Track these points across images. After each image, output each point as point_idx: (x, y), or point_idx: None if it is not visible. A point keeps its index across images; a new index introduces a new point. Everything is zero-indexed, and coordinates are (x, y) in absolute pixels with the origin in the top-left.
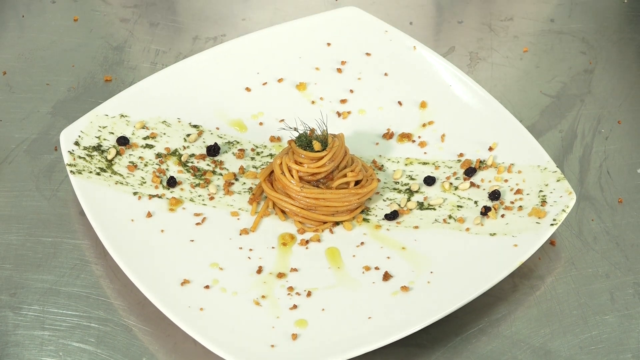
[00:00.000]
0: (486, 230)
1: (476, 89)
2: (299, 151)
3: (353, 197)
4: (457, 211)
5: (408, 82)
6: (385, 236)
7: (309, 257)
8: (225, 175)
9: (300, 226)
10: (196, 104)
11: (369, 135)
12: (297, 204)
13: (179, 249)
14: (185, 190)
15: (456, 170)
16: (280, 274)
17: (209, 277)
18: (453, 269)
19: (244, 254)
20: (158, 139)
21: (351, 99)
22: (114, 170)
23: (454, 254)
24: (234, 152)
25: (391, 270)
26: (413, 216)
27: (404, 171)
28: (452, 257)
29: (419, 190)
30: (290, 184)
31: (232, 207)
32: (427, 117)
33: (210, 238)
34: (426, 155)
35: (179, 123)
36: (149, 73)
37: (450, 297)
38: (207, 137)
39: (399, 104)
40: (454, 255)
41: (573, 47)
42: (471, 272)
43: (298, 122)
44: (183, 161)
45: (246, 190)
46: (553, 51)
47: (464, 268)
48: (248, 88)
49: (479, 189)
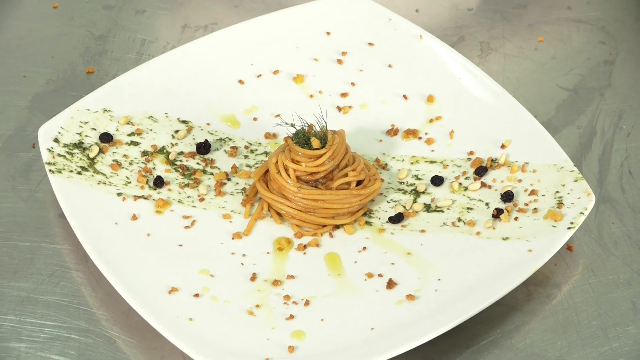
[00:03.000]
0: (498, 235)
1: (487, 82)
2: (296, 149)
3: (354, 198)
4: (467, 214)
5: (414, 74)
6: (389, 241)
7: (307, 263)
8: (216, 175)
9: (297, 230)
10: (185, 98)
11: (371, 132)
12: (294, 206)
13: (167, 255)
14: (174, 190)
15: (466, 170)
16: (276, 282)
17: (199, 284)
18: (463, 276)
19: (236, 259)
20: (144, 135)
21: (352, 92)
22: (96, 169)
23: (463, 259)
24: (225, 149)
25: (396, 277)
26: (419, 219)
27: (410, 170)
28: (462, 264)
29: (425, 191)
30: (286, 184)
31: (223, 209)
32: (434, 112)
33: (200, 242)
34: (433, 153)
35: (166, 118)
36: (134, 64)
37: (460, 307)
38: (197, 134)
39: (404, 98)
40: (463, 261)
41: (592, 37)
42: (482, 279)
43: (295, 117)
44: (171, 159)
45: (239, 191)
46: (570, 41)
47: (475, 275)
48: (241, 80)
49: (490, 190)
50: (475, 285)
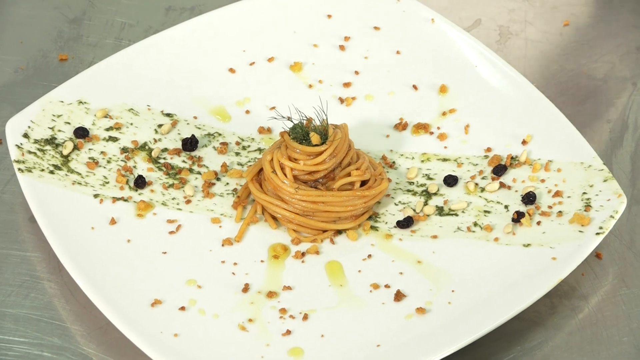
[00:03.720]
0: (519, 241)
1: (507, 71)
2: (294, 145)
3: (358, 200)
4: (484, 217)
5: (425, 61)
6: (397, 247)
7: (306, 272)
8: (204, 174)
9: (294, 235)
10: (170, 89)
11: (377, 126)
12: (291, 209)
13: (149, 263)
14: (157, 192)
15: (483, 168)
16: (271, 293)
17: (185, 296)
18: (479, 287)
19: (227, 268)
20: (124, 130)
21: (356, 82)
22: (70, 168)
23: (480, 269)
24: (215, 146)
25: (404, 288)
26: (431, 223)
27: (420, 169)
28: (478, 273)
29: (437, 192)
30: (282, 184)
31: (212, 212)
32: (447, 104)
33: (186, 250)
34: (447, 150)
35: (148, 111)
36: (112, 51)
37: (476, 321)
38: (182, 128)
39: (414, 89)
40: (480, 271)
41: (622, 20)
42: (500, 290)
43: (292, 110)
44: (154, 157)
45: (230, 192)
46: (599, 25)
47: (492, 286)
48: (232, 69)
49: (510, 191)
50: (493, 298)
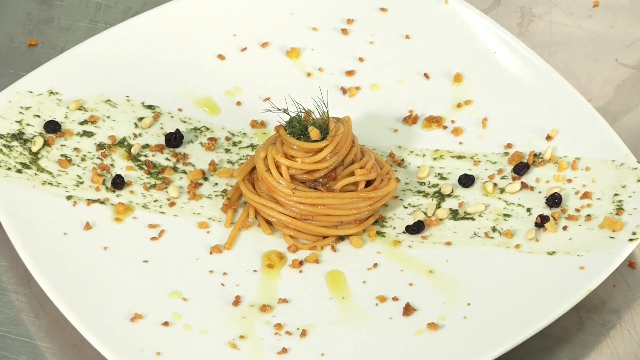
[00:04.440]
0: (543, 248)
1: (529, 57)
2: (291, 141)
3: (363, 202)
4: (504, 222)
5: (437, 47)
6: (406, 255)
7: (304, 283)
8: (190, 174)
9: (291, 242)
10: (151, 78)
11: (384, 120)
12: (287, 212)
13: (128, 273)
14: (137, 193)
15: (502, 167)
16: (265, 307)
17: (169, 310)
18: (498, 299)
19: (215, 279)
20: (100, 124)
21: (361, 70)
22: (40, 166)
23: (499, 279)
24: (202, 141)
25: (414, 301)
26: (444, 229)
27: (432, 168)
28: (497, 284)
29: (452, 193)
30: (278, 185)
31: (199, 216)
32: (463, 94)
33: (170, 258)
34: (462, 146)
35: (127, 103)
36: (87, 35)
37: (494, 338)
38: (165, 122)
39: (425, 77)
40: (499, 282)
41: None
42: (522, 304)
43: (289, 101)
44: (133, 154)
45: (218, 194)
46: (632, 5)
47: (513, 299)
48: (221, 55)
49: (533, 192)
50: (514, 312)
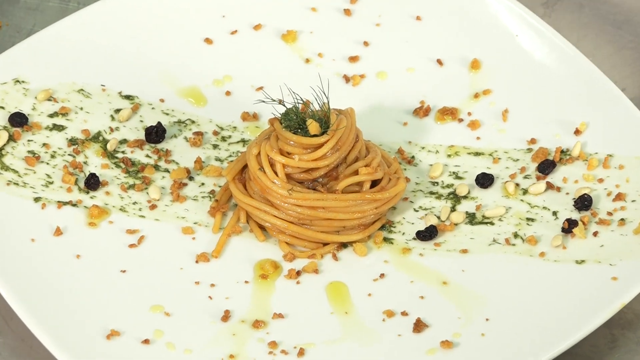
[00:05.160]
0: (570, 256)
1: (556, 41)
2: (287, 135)
3: (368, 205)
4: (527, 227)
5: (452, 30)
6: (417, 265)
7: (302, 296)
8: (173, 173)
9: (287, 250)
10: (129, 64)
11: (393, 112)
12: (283, 216)
13: (104, 284)
14: (114, 194)
15: (525, 165)
16: (258, 323)
17: (149, 326)
18: (520, 314)
19: (202, 291)
20: (72, 116)
21: (366, 55)
22: (4, 164)
23: (521, 291)
24: (187, 136)
25: (426, 316)
26: (460, 234)
27: (446, 166)
28: (519, 297)
29: (468, 195)
30: (273, 185)
31: (184, 220)
32: (480, 83)
33: (151, 267)
34: (480, 141)
35: (103, 92)
36: (57, 17)
37: (516, 358)
38: (146, 114)
39: (439, 64)
40: (521, 294)
41: None
42: (547, 319)
43: (284, 91)
44: (110, 150)
45: (205, 195)
46: None
47: (537, 313)
48: (208, 39)
49: (559, 193)
50: (538, 328)
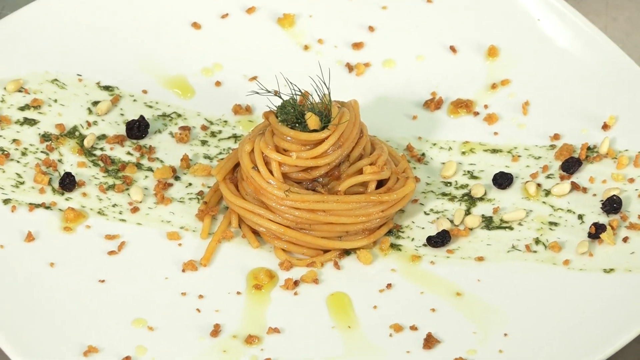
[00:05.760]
0: (598, 264)
1: (582, 26)
2: (283, 130)
3: (374, 208)
4: (550, 232)
5: (467, 14)
6: (427, 274)
7: (300, 309)
8: (158, 171)
9: (284, 257)
10: (109, 51)
11: (400, 104)
12: (279, 220)
13: (81, 295)
14: (91, 196)
15: (548, 163)
16: (251, 338)
17: (131, 342)
18: (541, 329)
19: (189, 303)
20: (45, 109)
21: (371, 42)
22: None
23: (543, 304)
24: (172, 131)
25: (438, 331)
26: (475, 240)
27: (460, 164)
28: (540, 310)
29: (484, 196)
30: (268, 185)
31: (169, 224)
32: (498, 72)
33: (132, 277)
34: (497, 137)
35: (79, 83)
36: None
37: None
38: (127, 107)
39: (452, 51)
40: (542, 307)
41: None
42: (572, 333)
43: (281, 81)
44: (87, 147)
45: (193, 197)
46: None
47: (561, 327)
48: (196, 24)
49: (586, 195)
50: (562, 344)
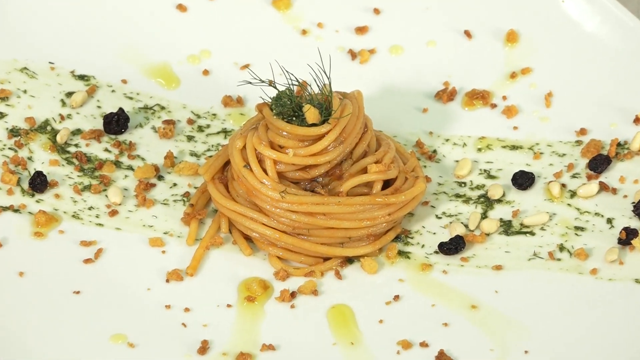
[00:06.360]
0: (629, 274)
1: (611, 8)
2: (279, 125)
3: (379, 211)
4: (576, 237)
5: None
6: (439, 285)
7: (297, 323)
8: (139, 170)
9: (280, 266)
10: (84, 37)
11: (409, 95)
12: (274, 225)
13: (54, 308)
14: (65, 197)
15: (573, 161)
16: (243, 356)
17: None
18: (566, 345)
19: (174, 317)
20: (13, 101)
21: (376, 26)
22: None
23: (567, 317)
24: (155, 126)
25: (451, 347)
26: (492, 247)
27: (476, 162)
28: (565, 324)
29: (503, 198)
30: (261, 186)
31: (151, 229)
32: (518, 60)
33: (111, 288)
34: (517, 132)
35: (51, 72)
36: None
37: None
38: (104, 99)
39: (467, 36)
40: (567, 321)
41: None
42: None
43: (276, 69)
44: (60, 143)
45: (178, 199)
46: None
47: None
48: (182, 6)
49: (616, 196)
50: None
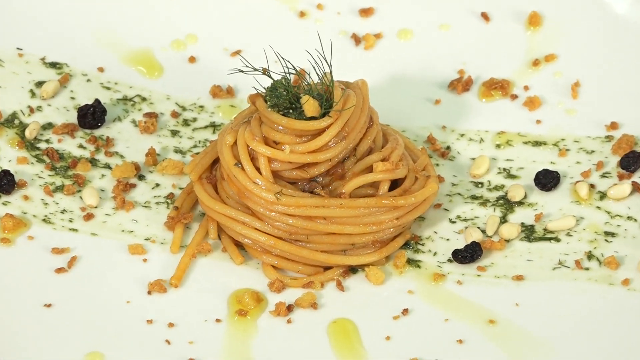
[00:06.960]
0: None
1: None
2: (274, 118)
3: (386, 215)
4: (605, 244)
5: None
6: (453, 297)
7: (294, 340)
8: (117, 169)
9: (275, 276)
10: (56, 21)
11: (420, 85)
12: (268, 230)
13: (23, 322)
14: (34, 199)
15: (603, 159)
16: None
17: None
18: None
19: (157, 333)
20: None
21: (382, 7)
22: None
23: (596, 332)
24: (135, 119)
25: None
26: (513, 255)
27: (495, 160)
28: (593, 341)
29: (525, 200)
30: (254, 187)
31: (131, 235)
32: (542, 46)
33: (86, 300)
34: (540, 126)
35: (19, 58)
36: None
37: None
38: (79, 89)
39: (484, 19)
40: (596, 337)
41: None
42: None
43: (271, 56)
44: (29, 139)
45: (161, 201)
46: None
47: None
48: None
49: None
50: None
